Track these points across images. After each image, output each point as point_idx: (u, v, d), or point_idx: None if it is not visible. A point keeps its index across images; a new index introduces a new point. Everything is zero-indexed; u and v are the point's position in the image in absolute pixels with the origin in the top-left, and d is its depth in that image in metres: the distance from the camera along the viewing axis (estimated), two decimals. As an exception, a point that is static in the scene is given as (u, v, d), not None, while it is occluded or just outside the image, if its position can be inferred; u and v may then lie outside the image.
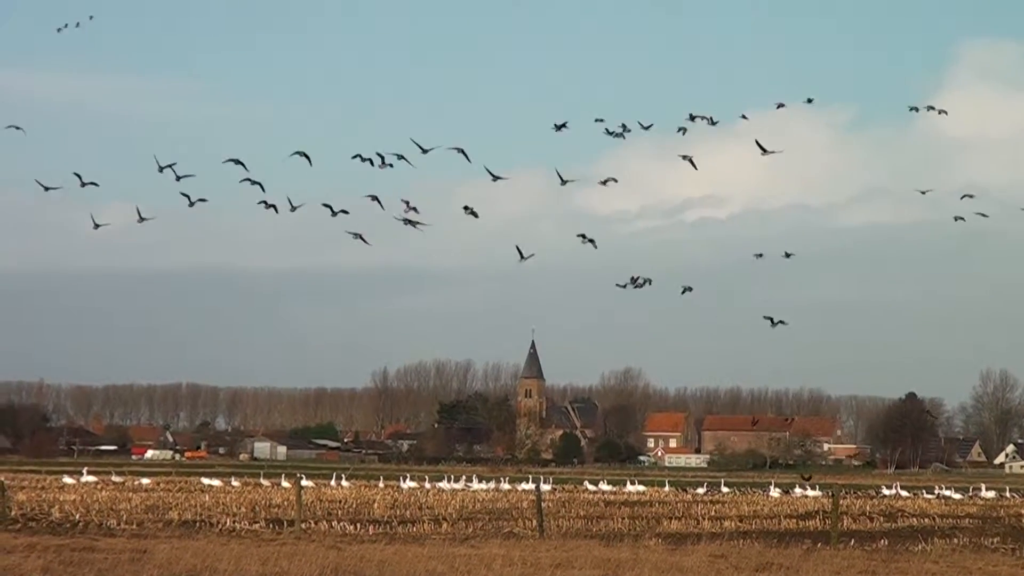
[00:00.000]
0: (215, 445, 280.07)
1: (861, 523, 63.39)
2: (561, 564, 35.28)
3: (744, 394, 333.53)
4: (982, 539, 51.42)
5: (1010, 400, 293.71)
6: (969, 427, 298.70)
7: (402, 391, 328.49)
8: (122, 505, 66.88)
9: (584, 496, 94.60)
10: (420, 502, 78.46)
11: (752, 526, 59.26)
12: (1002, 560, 40.88)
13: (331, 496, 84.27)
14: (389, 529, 52.12)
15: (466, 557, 36.50)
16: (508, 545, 42.44)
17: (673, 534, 51.51)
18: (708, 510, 73.55)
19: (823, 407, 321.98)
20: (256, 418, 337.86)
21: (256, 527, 52.43)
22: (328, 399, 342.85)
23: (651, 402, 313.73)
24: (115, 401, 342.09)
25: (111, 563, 33.77)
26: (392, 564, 34.25)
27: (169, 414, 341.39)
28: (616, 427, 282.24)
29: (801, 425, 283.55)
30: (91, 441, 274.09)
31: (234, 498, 77.64)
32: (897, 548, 45.19)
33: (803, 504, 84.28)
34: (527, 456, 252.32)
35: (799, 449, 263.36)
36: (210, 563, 33.49)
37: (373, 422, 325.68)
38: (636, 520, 61.72)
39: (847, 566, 36.69)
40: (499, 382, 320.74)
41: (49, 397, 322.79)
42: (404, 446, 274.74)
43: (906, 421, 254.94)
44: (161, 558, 34.75)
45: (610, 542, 45.13)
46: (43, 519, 55.61)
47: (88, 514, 58.89)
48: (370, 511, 67.29)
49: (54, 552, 36.52)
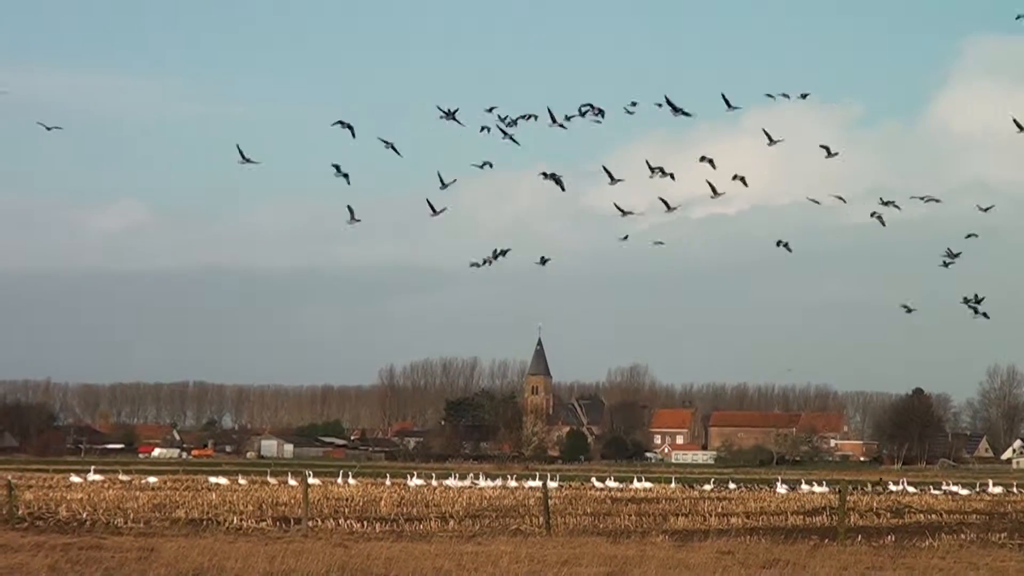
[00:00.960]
0: (222, 443, 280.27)
1: (868, 519, 63.37)
2: (568, 561, 35.25)
3: (751, 390, 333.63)
4: (989, 535, 51.36)
5: (1017, 396, 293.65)
6: (976, 423, 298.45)
7: (409, 389, 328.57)
8: (129, 504, 66.93)
9: (591, 493, 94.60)
10: (427, 500, 78.48)
11: (759, 522, 59.24)
12: (1009, 556, 40.82)
13: (338, 494, 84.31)
14: (396, 527, 52.14)
15: (473, 554, 36.48)
16: (515, 542, 42.43)
17: (680, 531, 51.50)
18: (715, 507, 73.51)
19: (830, 403, 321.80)
20: (263, 416, 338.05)
21: (263, 525, 52.48)
22: (335, 397, 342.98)
23: (658, 399, 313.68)
24: (122, 400, 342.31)
25: (118, 561, 33.78)
26: (399, 562, 34.23)
27: (176, 412, 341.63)
28: (623, 424, 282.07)
29: (808, 421, 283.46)
30: (98, 440, 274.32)
31: (241, 496, 77.69)
32: (904, 544, 45.15)
33: (810, 500, 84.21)
34: (534, 453, 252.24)
35: (806, 445, 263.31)
36: (217, 561, 33.49)
37: (380, 420, 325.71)
38: (643, 517, 61.72)
39: (854, 562, 36.64)
40: (506, 379, 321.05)
41: (56, 396, 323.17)
42: (411, 444, 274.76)
43: (913, 417, 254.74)
44: (168, 556, 34.76)
45: (617, 539, 45.13)
46: (50, 518, 55.70)
47: (95, 513, 58.96)
48: (377, 509, 67.32)
49: (61, 551, 36.55)
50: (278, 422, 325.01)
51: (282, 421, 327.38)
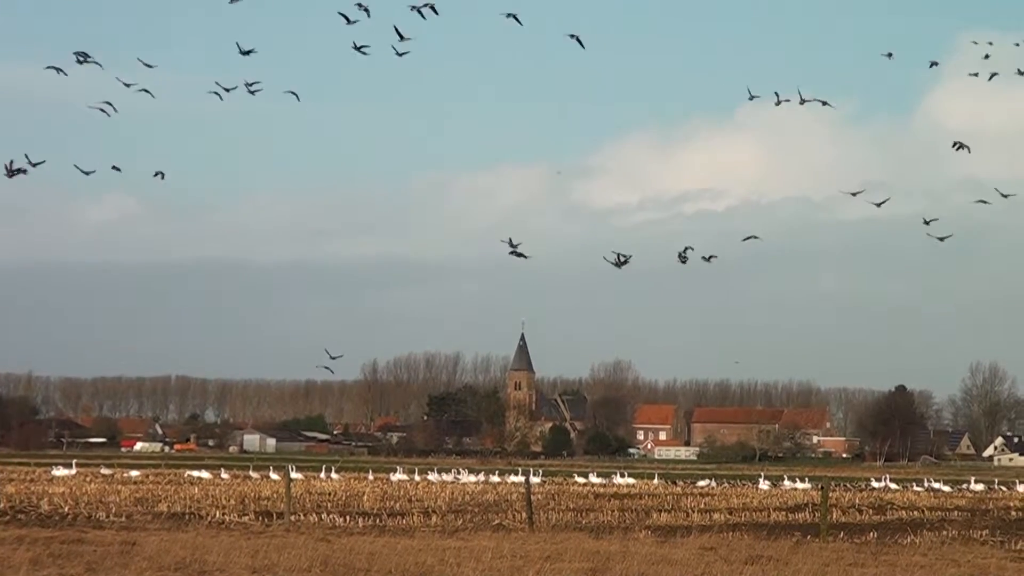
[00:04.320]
0: (204, 437, 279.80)
1: (850, 516, 63.46)
2: (551, 556, 35.22)
3: (734, 386, 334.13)
4: (971, 531, 51.47)
5: (999, 393, 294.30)
6: (958, 420, 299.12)
7: (392, 383, 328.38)
8: (111, 497, 66.81)
9: (574, 488, 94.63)
10: (409, 495, 78.45)
11: (742, 518, 59.31)
12: (991, 552, 40.89)
13: (321, 488, 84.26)
14: (378, 521, 52.10)
15: (456, 549, 36.44)
16: (498, 537, 42.42)
17: (663, 526, 51.53)
18: (698, 503, 73.58)
19: (813, 399, 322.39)
20: (245, 410, 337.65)
21: (245, 519, 52.40)
22: (317, 391, 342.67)
23: (641, 394, 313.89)
24: (104, 393, 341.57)
25: (100, 555, 33.68)
26: (381, 556, 34.18)
27: (158, 406, 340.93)
28: (606, 419, 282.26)
29: (790, 417, 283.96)
30: (80, 433, 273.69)
31: (223, 491, 77.58)
32: (886, 541, 45.22)
33: (792, 497, 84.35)
34: (517, 449, 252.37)
35: (788, 441, 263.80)
36: (199, 555, 33.42)
37: (363, 414, 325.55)
38: (626, 512, 61.75)
39: (836, 558, 36.67)
40: (489, 374, 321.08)
41: (38, 389, 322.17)
42: (394, 438, 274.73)
43: (895, 414, 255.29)
44: (150, 550, 34.67)
45: (599, 534, 45.13)
46: (32, 511, 55.55)
47: (77, 506, 58.84)
48: (359, 503, 67.29)
49: (43, 544, 36.43)
50: (261, 416, 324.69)
51: (265, 415, 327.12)
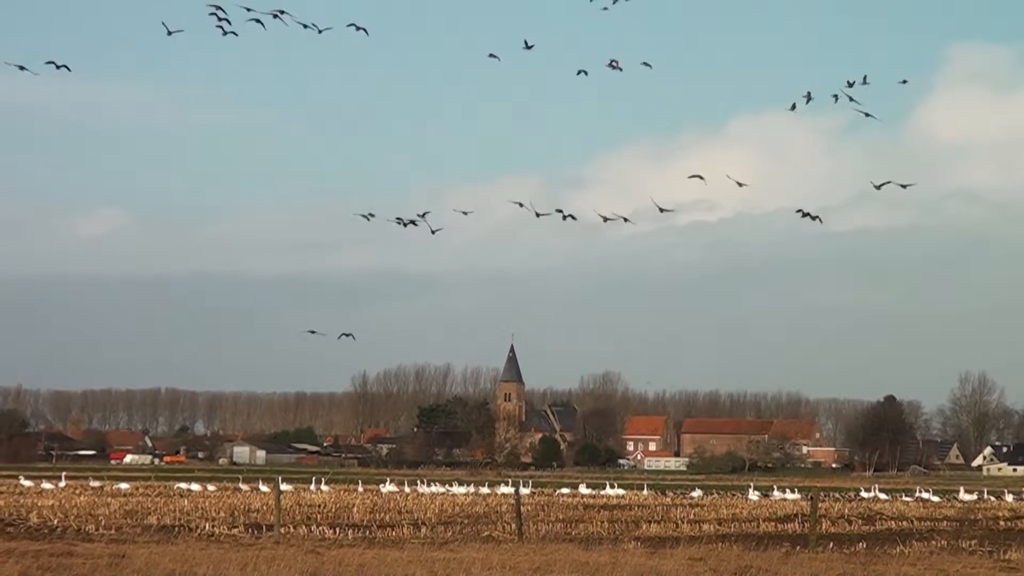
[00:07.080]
0: (194, 450, 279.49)
1: (840, 526, 63.52)
2: (540, 568, 35.25)
3: (723, 397, 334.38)
4: (960, 541, 51.55)
5: (988, 403, 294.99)
6: (947, 430, 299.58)
7: (382, 395, 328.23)
8: (100, 510, 66.69)
9: (563, 500, 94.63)
10: (399, 506, 78.43)
11: (731, 529, 59.34)
12: (980, 562, 40.97)
13: (310, 500, 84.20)
14: (368, 533, 52.07)
15: (445, 561, 36.46)
16: (487, 549, 42.42)
17: (652, 538, 51.57)
18: (687, 513, 73.60)
19: (802, 410, 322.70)
20: (235, 422, 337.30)
21: (235, 532, 52.35)
22: (307, 403, 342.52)
23: (630, 405, 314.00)
24: (94, 406, 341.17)
25: (89, 568, 33.65)
26: (371, 568, 34.19)
27: (148, 419, 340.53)
28: (595, 430, 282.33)
29: (780, 428, 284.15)
30: (69, 446, 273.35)
31: (213, 503, 77.51)
32: (875, 551, 45.29)
33: (782, 507, 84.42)
34: (506, 460, 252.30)
35: (778, 452, 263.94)
36: (189, 568, 33.40)
37: (353, 426, 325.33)
38: (615, 524, 61.77)
39: (825, 569, 36.73)
40: (478, 386, 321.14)
41: (27, 402, 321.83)
42: (384, 450, 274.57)
43: (884, 424, 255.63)
44: (139, 563, 34.65)
45: (589, 546, 45.15)
46: (21, 524, 55.46)
47: (66, 519, 58.75)
48: (349, 515, 67.24)
49: (32, 557, 36.38)
50: (250, 428, 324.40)
51: (254, 427, 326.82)
